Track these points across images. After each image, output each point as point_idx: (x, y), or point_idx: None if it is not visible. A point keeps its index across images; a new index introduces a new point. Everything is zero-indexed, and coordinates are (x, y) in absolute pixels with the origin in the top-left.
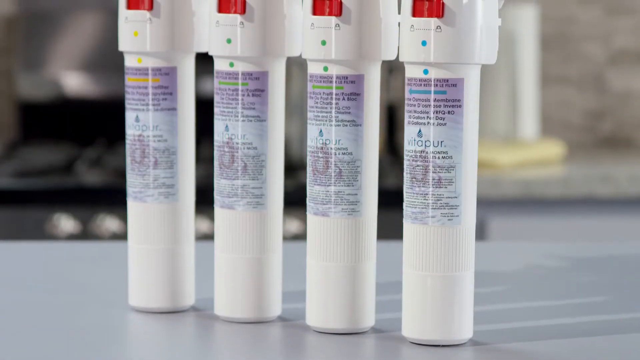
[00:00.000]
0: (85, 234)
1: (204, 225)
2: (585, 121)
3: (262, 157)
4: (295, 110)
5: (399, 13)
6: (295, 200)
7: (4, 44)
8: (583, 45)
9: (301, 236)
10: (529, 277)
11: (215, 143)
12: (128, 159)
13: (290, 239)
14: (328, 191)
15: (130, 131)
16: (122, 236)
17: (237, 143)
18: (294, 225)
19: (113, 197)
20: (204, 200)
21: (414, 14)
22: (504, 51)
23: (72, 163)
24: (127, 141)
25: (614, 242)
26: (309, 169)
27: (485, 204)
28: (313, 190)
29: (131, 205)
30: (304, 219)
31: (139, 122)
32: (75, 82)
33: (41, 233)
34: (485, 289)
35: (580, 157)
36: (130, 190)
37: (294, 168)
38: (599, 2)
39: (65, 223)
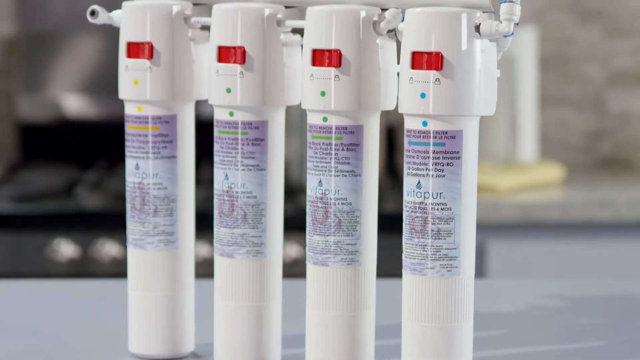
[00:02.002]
0: (85, 259)
1: (203, 250)
2: (584, 142)
3: (262, 206)
4: (294, 131)
5: (398, 63)
6: (294, 224)
7: (4, 65)
8: (582, 66)
9: (300, 260)
10: (527, 319)
11: (215, 192)
12: (128, 206)
13: (290, 263)
14: (327, 241)
15: (130, 179)
16: (122, 261)
17: (237, 192)
18: (293, 250)
19: (113, 221)
20: (204, 224)
21: (413, 67)
22: (503, 72)
23: (72, 187)
24: (127, 189)
25: (613, 274)
26: (308, 219)
27: (485, 228)
28: (312, 239)
29: (131, 252)
30: (303, 243)
31: (139, 170)
32: (75, 104)
33: (41, 258)
34: (483, 332)
35: (579, 180)
36: (130, 237)
37: (294, 191)
38: (599, 23)
39: (66, 248)
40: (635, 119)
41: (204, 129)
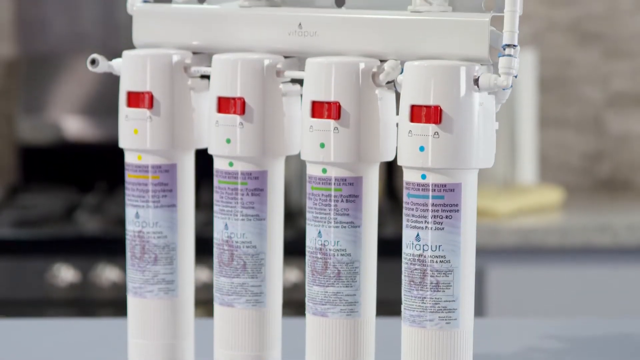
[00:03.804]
0: (85, 284)
1: (203, 275)
2: (583, 163)
3: (262, 256)
4: None
5: (397, 114)
6: (294, 249)
7: (4, 87)
8: (581, 88)
9: (300, 285)
10: None
11: (215, 241)
12: (128, 254)
13: (290, 288)
14: (327, 292)
15: (130, 227)
16: (122, 286)
17: (237, 242)
18: (293, 275)
19: (113, 246)
20: (204, 248)
21: (412, 120)
22: None
23: (71, 211)
24: (127, 237)
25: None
26: (307, 269)
27: (484, 253)
28: (312, 290)
29: (131, 300)
30: (302, 268)
31: (139, 219)
32: (75, 126)
33: (41, 283)
34: None
35: (579, 204)
36: (130, 285)
37: (293, 214)
38: (598, 45)
39: (66, 273)
40: (634, 140)
41: (204, 153)
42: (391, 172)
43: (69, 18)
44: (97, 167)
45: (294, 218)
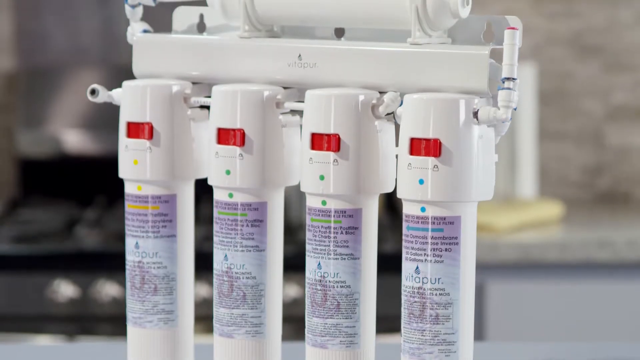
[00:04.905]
0: (85, 299)
1: (202, 290)
2: (583, 177)
3: (261, 287)
4: None
5: (397, 145)
6: (294, 265)
7: (4, 100)
8: (581, 101)
9: (299, 300)
10: None
11: (215, 272)
12: (128, 284)
13: (290, 303)
14: (326, 323)
15: (130, 257)
16: (122, 302)
17: (236, 272)
18: (293, 290)
19: (113, 262)
20: (204, 266)
21: (411, 152)
22: None
23: (71, 226)
24: (127, 267)
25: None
26: (307, 301)
27: (484, 268)
28: (311, 322)
29: (130, 330)
30: (302, 284)
31: (139, 249)
32: (75, 140)
33: (41, 298)
34: None
35: (579, 218)
36: (129, 315)
37: (292, 228)
38: (598, 58)
39: (65, 288)
40: (634, 153)
41: None
42: None
43: (68, 31)
44: (96, 181)
45: (293, 232)
